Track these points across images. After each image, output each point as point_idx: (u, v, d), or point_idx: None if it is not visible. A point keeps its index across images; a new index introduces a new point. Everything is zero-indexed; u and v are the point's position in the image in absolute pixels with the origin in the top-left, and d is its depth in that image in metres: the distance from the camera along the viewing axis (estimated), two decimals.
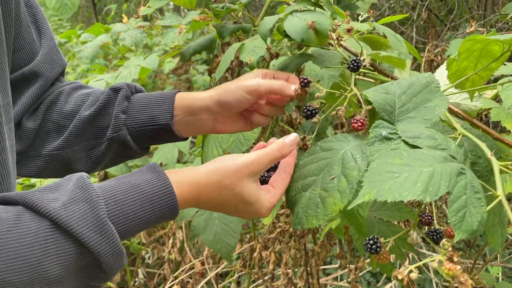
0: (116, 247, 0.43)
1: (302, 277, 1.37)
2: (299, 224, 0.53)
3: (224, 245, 0.80)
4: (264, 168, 0.55)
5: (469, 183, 0.42)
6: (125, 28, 1.38)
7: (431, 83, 0.57)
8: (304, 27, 0.66)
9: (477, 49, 0.63)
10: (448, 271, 0.39)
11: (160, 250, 1.78)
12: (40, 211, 0.41)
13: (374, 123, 0.65)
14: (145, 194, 0.46)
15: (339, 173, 0.52)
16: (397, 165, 0.44)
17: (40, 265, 0.39)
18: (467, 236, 0.40)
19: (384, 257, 0.49)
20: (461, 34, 1.95)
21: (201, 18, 1.19)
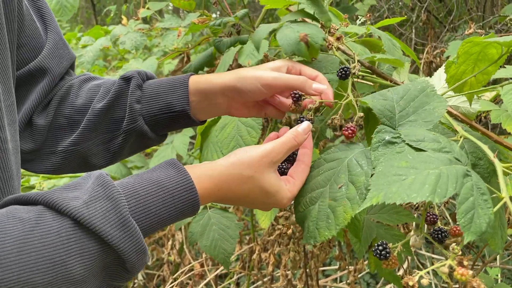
0: (140, 245, 0.42)
1: (301, 279, 1.37)
2: (311, 238, 0.53)
3: (222, 251, 0.80)
4: (282, 157, 0.54)
5: (475, 185, 0.43)
6: (125, 31, 1.38)
7: (427, 87, 0.57)
8: (295, 40, 0.67)
9: (475, 52, 0.63)
10: (461, 276, 0.39)
11: (160, 251, 1.78)
12: (61, 210, 0.40)
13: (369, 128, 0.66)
14: (166, 190, 0.46)
15: (346, 181, 0.52)
16: (403, 168, 0.44)
17: (64, 265, 0.38)
18: (476, 237, 0.40)
19: (393, 263, 0.49)
20: (460, 35, 1.95)
21: (199, 20, 1.19)
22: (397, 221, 0.78)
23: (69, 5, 1.52)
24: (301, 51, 0.66)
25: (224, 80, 0.63)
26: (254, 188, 0.52)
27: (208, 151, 0.91)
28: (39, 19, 0.65)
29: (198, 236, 0.84)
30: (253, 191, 0.52)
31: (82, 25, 3.95)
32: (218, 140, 0.88)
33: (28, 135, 0.64)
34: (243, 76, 0.62)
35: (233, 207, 1.49)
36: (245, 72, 0.62)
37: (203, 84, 0.64)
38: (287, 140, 0.55)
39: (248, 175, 0.51)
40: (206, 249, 0.80)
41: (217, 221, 0.85)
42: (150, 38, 2.45)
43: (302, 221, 0.56)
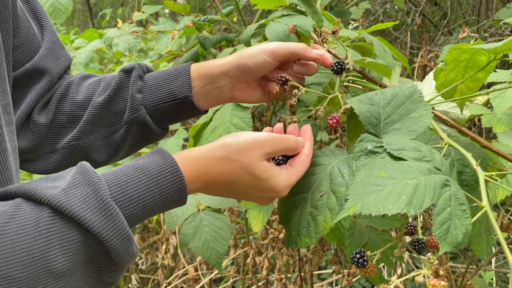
0: (123, 231, 0.40)
1: (296, 283, 1.37)
2: (293, 243, 0.53)
3: (214, 253, 0.79)
4: (276, 152, 0.52)
5: (454, 195, 0.43)
6: (119, 34, 1.38)
7: (414, 93, 0.57)
8: (285, 33, 0.67)
9: (464, 59, 0.62)
10: (433, 287, 0.39)
11: (154, 255, 1.77)
12: (39, 199, 0.38)
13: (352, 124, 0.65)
14: (149, 174, 0.44)
15: (327, 189, 0.52)
16: (381, 178, 0.44)
17: (44, 257, 0.36)
18: (452, 248, 0.40)
19: (371, 270, 0.49)
20: (454, 39, 1.95)
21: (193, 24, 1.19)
22: (388, 226, 0.78)
23: (63, 8, 1.52)
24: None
25: (226, 61, 0.62)
26: (243, 173, 0.49)
27: None
28: (34, 20, 0.64)
29: (190, 238, 0.83)
30: (242, 177, 0.49)
31: (78, 28, 3.95)
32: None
33: (28, 133, 0.63)
34: (245, 52, 0.61)
35: (227, 209, 1.48)
36: (247, 49, 0.62)
37: (205, 68, 0.63)
38: (287, 139, 0.53)
39: (233, 158, 0.49)
40: (198, 250, 0.80)
41: (209, 223, 0.84)
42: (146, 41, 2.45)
43: (285, 223, 0.56)
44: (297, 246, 0.52)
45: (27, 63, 0.61)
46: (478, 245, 0.54)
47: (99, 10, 4.78)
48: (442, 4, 2.42)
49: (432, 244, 0.50)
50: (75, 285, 0.39)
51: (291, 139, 0.54)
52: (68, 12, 1.52)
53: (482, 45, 0.54)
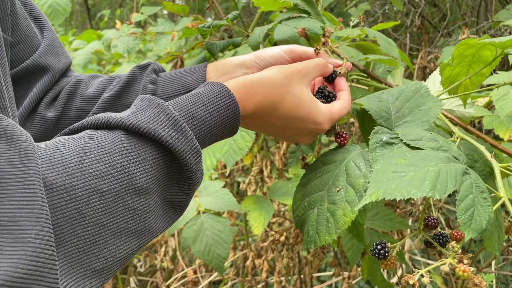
0: (194, 145, 0.41)
1: (295, 285, 1.36)
2: (312, 243, 0.52)
3: (216, 256, 0.78)
4: (312, 72, 0.54)
5: (474, 182, 0.43)
6: (117, 35, 1.37)
7: (420, 88, 0.57)
8: (294, 36, 0.66)
9: (469, 54, 0.63)
10: (463, 272, 0.39)
11: (153, 258, 1.76)
12: (110, 125, 0.39)
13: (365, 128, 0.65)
14: (206, 97, 0.45)
15: (345, 183, 0.51)
16: (402, 165, 0.44)
17: (127, 172, 0.37)
18: (477, 234, 0.40)
19: (392, 263, 0.48)
20: (454, 40, 1.95)
21: (193, 25, 1.19)
22: (390, 227, 0.77)
23: (61, 9, 1.51)
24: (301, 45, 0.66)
25: (244, 57, 0.64)
26: (287, 93, 0.51)
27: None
28: (33, 20, 0.64)
29: (191, 242, 0.82)
30: (287, 98, 0.51)
31: (76, 30, 3.94)
32: (211, 145, 0.87)
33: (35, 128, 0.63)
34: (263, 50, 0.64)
35: (227, 212, 1.47)
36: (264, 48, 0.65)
37: (222, 62, 0.65)
38: (318, 59, 0.56)
39: (280, 80, 0.51)
40: (200, 254, 0.79)
41: (210, 226, 0.83)
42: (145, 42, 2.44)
43: (301, 226, 0.55)
44: (316, 245, 0.50)
45: (26, 60, 0.61)
46: (489, 241, 0.54)
47: (97, 11, 4.77)
48: (441, 6, 2.42)
49: (455, 238, 0.50)
50: (154, 204, 0.40)
51: (319, 59, 0.56)
52: (67, 13, 1.51)
53: (489, 40, 0.54)
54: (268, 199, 0.97)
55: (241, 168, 1.67)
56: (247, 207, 0.93)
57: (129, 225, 0.37)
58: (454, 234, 0.51)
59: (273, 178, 1.12)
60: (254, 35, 0.76)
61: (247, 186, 1.18)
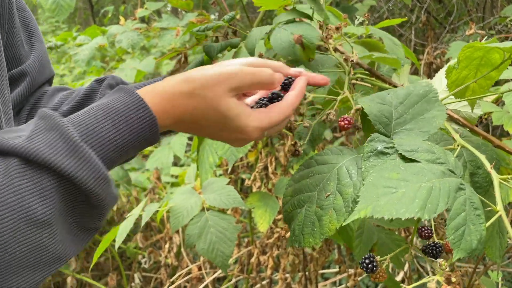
0: (98, 170, 0.38)
1: (300, 282, 1.35)
2: (296, 242, 0.52)
3: (220, 254, 0.78)
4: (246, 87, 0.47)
5: (468, 199, 0.41)
6: (122, 30, 1.37)
7: (429, 92, 0.55)
8: (290, 42, 0.65)
9: (477, 57, 0.61)
10: None
11: (157, 254, 1.76)
12: (4, 151, 0.36)
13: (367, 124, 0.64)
14: (117, 112, 0.41)
15: (334, 189, 0.50)
16: (394, 180, 0.42)
17: (23, 206, 0.34)
18: (466, 255, 0.38)
19: (381, 276, 0.47)
20: (460, 36, 1.93)
21: (198, 20, 1.18)
22: (398, 225, 0.77)
23: (66, 5, 1.50)
24: (296, 53, 0.65)
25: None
26: (209, 110, 0.46)
27: (204, 153, 0.89)
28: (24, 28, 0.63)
29: (196, 239, 0.82)
30: (209, 114, 0.46)
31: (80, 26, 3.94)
32: (213, 142, 0.86)
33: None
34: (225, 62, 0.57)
35: (231, 209, 1.47)
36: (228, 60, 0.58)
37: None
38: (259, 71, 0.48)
39: (201, 94, 0.45)
40: (204, 252, 0.78)
41: (215, 223, 0.83)
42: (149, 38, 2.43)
43: (289, 222, 0.55)
44: (301, 245, 0.50)
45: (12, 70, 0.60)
46: (490, 249, 0.53)
47: (100, 8, 4.76)
48: (447, 2, 2.39)
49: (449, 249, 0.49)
50: (59, 232, 0.38)
51: (264, 73, 0.48)
52: (71, 9, 1.51)
53: (497, 44, 0.53)
54: (273, 196, 0.97)
55: (245, 164, 1.66)
56: (252, 204, 0.93)
57: (29, 258, 0.35)
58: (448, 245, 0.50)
59: (278, 175, 1.11)
60: (251, 38, 0.75)
61: (252, 183, 1.17)
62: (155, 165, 1.27)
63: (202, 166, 0.87)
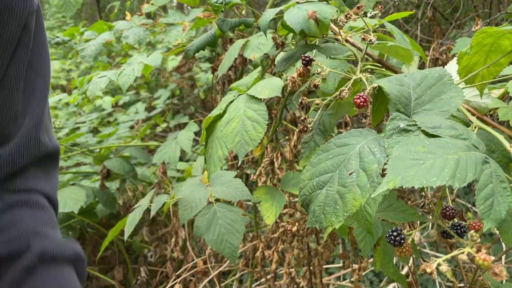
0: None
1: (305, 277, 1.36)
2: (316, 223, 0.51)
3: (228, 245, 0.79)
4: None
5: (494, 172, 0.42)
6: (128, 26, 1.37)
7: (444, 76, 0.56)
8: (304, 17, 0.65)
9: (488, 43, 0.61)
10: (483, 261, 0.39)
11: (163, 248, 1.78)
12: None
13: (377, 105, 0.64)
14: None
15: (357, 167, 0.50)
16: (420, 153, 0.43)
17: None
18: (496, 224, 0.39)
19: (407, 250, 0.48)
20: (466, 32, 1.93)
21: (205, 15, 1.18)
22: (403, 219, 0.77)
23: (73, 1, 1.51)
24: (310, 28, 0.65)
25: None
26: None
27: (213, 146, 0.90)
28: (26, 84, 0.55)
29: (204, 231, 0.83)
30: None
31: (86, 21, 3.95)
32: (223, 135, 0.87)
33: None
34: None
35: (236, 203, 1.48)
36: None
37: None
38: None
39: None
40: (212, 243, 0.79)
41: (223, 215, 0.84)
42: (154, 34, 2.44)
43: (307, 205, 0.54)
44: (321, 225, 0.50)
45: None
46: (506, 233, 0.53)
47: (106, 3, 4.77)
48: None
49: (474, 228, 0.50)
50: None
51: None
52: (78, 5, 1.52)
53: (509, 27, 0.53)
54: (279, 190, 0.97)
55: (250, 159, 1.67)
56: (259, 197, 0.94)
57: None
58: (472, 225, 0.51)
59: (284, 170, 1.12)
60: (265, 15, 0.75)
61: (258, 178, 1.18)
62: (161, 160, 1.28)
63: (211, 160, 0.87)
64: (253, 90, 0.89)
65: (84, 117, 2.51)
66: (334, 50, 0.69)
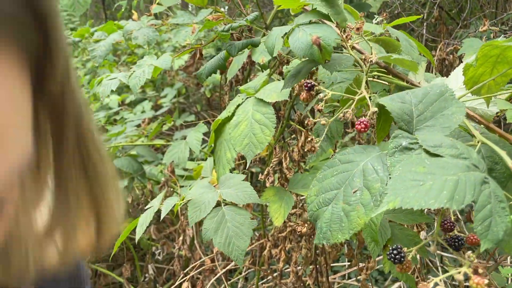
0: None
1: (311, 275, 1.38)
2: (324, 239, 0.53)
3: (236, 248, 0.80)
4: None
5: (493, 192, 0.43)
6: (138, 27, 1.39)
7: (445, 92, 0.57)
8: (308, 43, 0.66)
9: (494, 54, 0.62)
10: (477, 285, 0.39)
11: (170, 246, 1.80)
12: None
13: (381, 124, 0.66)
14: None
15: (361, 185, 0.52)
16: (421, 173, 0.44)
17: None
18: (493, 245, 0.40)
19: (407, 267, 0.49)
20: (473, 32, 1.93)
21: (214, 17, 1.20)
22: (412, 221, 0.78)
23: (82, 1, 1.53)
24: (313, 55, 0.66)
25: None
26: None
27: (221, 148, 0.91)
28: None
29: (212, 233, 0.84)
30: None
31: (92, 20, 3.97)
32: (231, 137, 0.88)
33: None
34: None
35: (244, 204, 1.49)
36: None
37: None
38: None
39: None
40: (220, 246, 0.81)
41: (231, 218, 0.85)
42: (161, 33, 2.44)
43: (315, 220, 0.56)
44: (329, 242, 0.52)
45: None
46: (509, 244, 0.54)
47: (111, 2, 4.78)
48: None
49: (471, 241, 0.50)
50: None
51: None
52: (87, 5, 1.53)
53: None
54: (288, 191, 0.99)
55: (257, 158, 1.68)
56: (268, 199, 0.95)
57: None
58: (470, 238, 0.52)
59: (292, 171, 1.13)
60: (271, 37, 0.77)
61: (266, 177, 1.19)
62: (171, 160, 1.30)
63: (219, 162, 0.89)
64: (261, 93, 0.91)
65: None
66: (338, 64, 0.70)
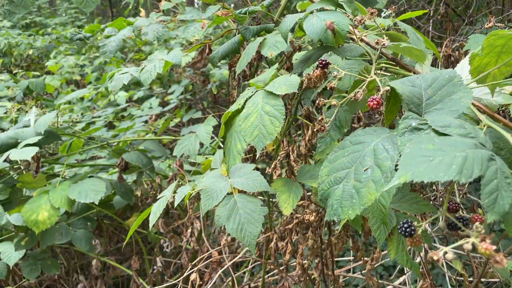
0: None
1: (317, 268, 1.40)
2: (335, 215, 0.55)
3: (248, 234, 0.83)
4: None
5: (499, 169, 0.45)
6: (147, 23, 1.41)
7: (454, 77, 0.59)
8: (322, 28, 0.69)
9: (499, 44, 0.64)
10: (485, 250, 0.41)
11: (177, 239, 1.82)
12: None
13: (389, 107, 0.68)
14: None
15: (372, 164, 0.54)
16: (430, 150, 0.46)
17: None
18: (499, 217, 0.42)
19: (417, 240, 0.51)
20: (479, 29, 1.94)
21: (223, 13, 1.22)
22: (416, 210, 0.80)
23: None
24: (328, 39, 0.69)
25: None
26: None
27: (231, 140, 0.93)
28: None
29: (225, 220, 0.87)
30: None
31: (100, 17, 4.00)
32: (241, 129, 0.90)
33: None
34: None
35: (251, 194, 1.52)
36: None
37: None
38: None
39: None
40: (233, 232, 0.83)
41: (243, 206, 0.87)
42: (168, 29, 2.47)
43: (326, 199, 0.58)
44: (339, 218, 0.54)
45: None
46: (510, 226, 0.56)
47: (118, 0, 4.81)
48: None
49: (476, 221, 0.53)
50: None
51: None
52: (98, 2, 1.56)
53: None
54: (296, 182, 1.01)
55: (264, 154, 1.70)
56: (277, 189, 0.97)
57: None
58: (475, 218, 0.54)
59: (299, 163, 1.16)
60: (285, 23, 0.79)
61: (273, 170, 1.21)
62: (181, 153, 1.32)
63: (230, 152, 0.91)
64: (270, 86, 0.93)
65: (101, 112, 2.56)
66: (349, 51, 0.72)
